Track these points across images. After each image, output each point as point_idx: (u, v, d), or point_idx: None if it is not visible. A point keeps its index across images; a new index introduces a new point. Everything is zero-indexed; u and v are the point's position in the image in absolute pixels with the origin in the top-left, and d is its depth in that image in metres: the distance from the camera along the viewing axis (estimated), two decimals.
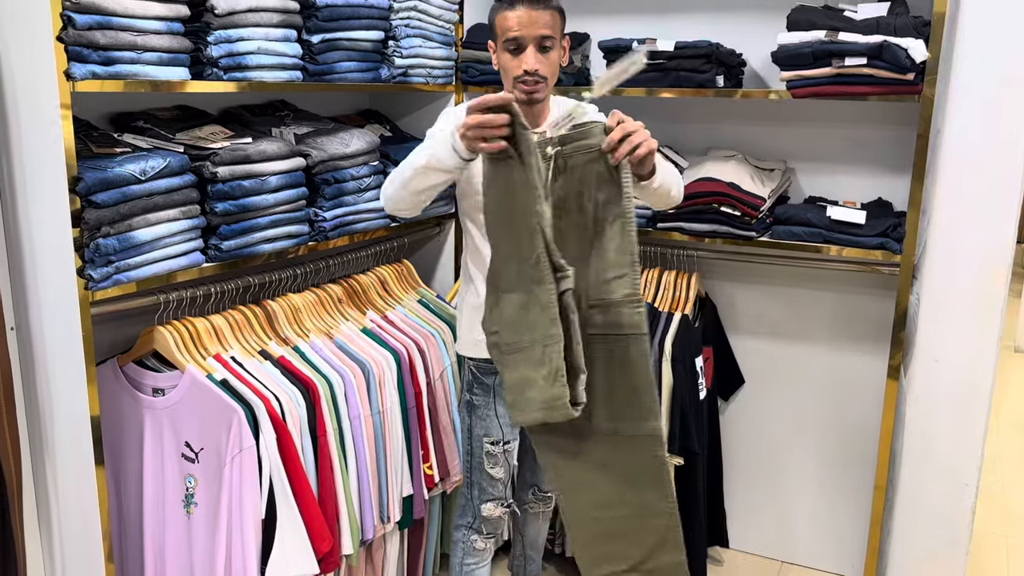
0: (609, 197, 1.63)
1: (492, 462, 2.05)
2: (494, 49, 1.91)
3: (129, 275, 1.71)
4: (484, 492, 2.07)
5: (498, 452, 2.04)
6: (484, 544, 2.12)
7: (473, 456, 2.06)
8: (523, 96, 1.85)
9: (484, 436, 2.03)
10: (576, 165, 1.64)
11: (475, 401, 2.04)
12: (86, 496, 1.74)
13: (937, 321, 2.34)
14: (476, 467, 2.06)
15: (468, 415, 2.06)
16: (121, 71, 1.64)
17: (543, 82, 1.85)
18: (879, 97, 2.11)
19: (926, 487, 2.44)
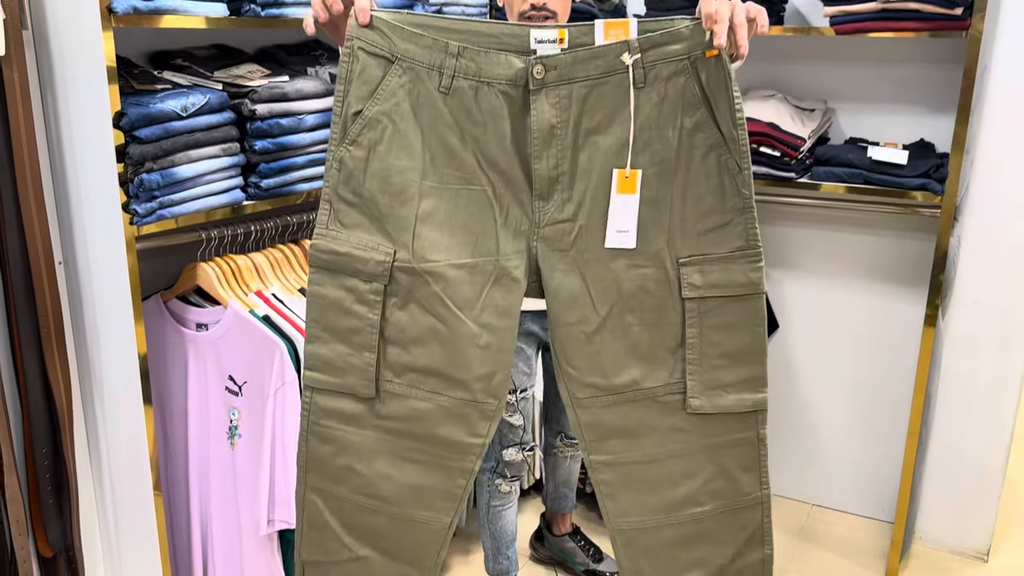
0: (701, 122, 1.32)
1: (510, 410, 2.06)
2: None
3: (172, 211, 1.74)
4: (504, 438, 2.09)
5: (514, 400, 2.04)
6: (509, 487, 2.14)
7: None
8: None
9: None
10: (655, 80, 1.31)
11: None
12: (134, 428, 1.80)
13: (977, 263, 2.31)
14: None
15: None
16: (161, 6, 1.65)
17: (553, 17, 1.68)
18: (926, 33, 2.06)
19: (960, 432, 2.44)
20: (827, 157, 2.27)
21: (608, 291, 1.40)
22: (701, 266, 1.36)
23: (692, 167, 1.33)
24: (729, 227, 1.34)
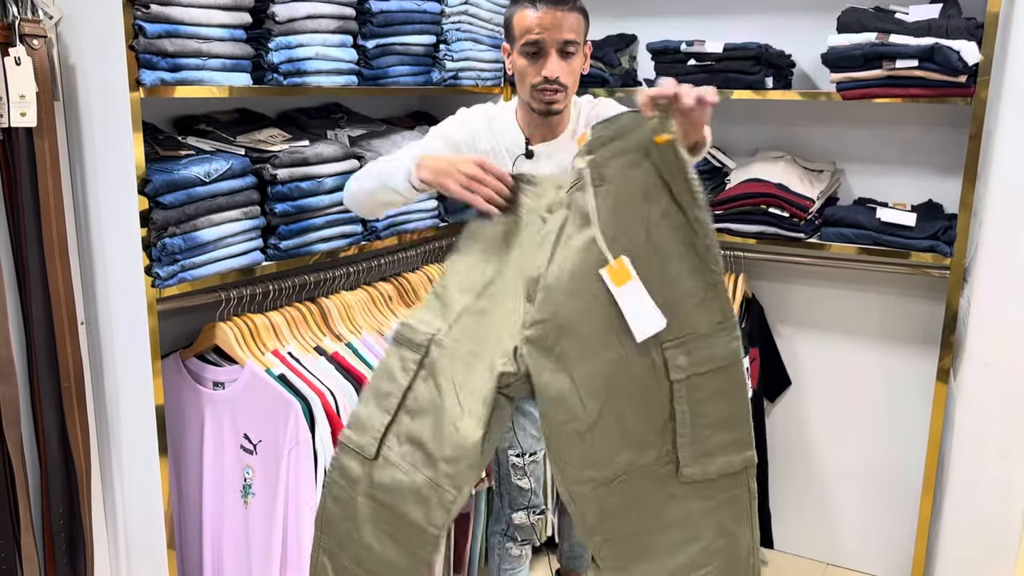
0: (665, 208, 1.36)
1: (519, 474, 2.04)
2: (508, 52, 1.75)
3: (194, 273, 1.78)
4: (514, 502, 2.07)
5: (523, 464, 2.03)
6: (520, 551, 2.12)
7: (500, 468, 2.06)
8: (541, 106, 1.70)
9: (508, 449, 2.01)
10: (613, 177, 1.39)
11: None
12: (150, 485, 1.82)
13: (988, 325, 2.31)
14: (504, 478, 2.06)
15: None
16: (187, 77, 1.71)
17: (563, 91, 1.69)
18: (930, 99, 2.10)
19: (975, 491, 2.42)
20: (836, 218, 2.30)
21: (597, 388, 1.45)
22: (685, 346, 1.40)
23: (663, 252, 1.38)
24: (706, 303, 1.39)
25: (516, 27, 1.69)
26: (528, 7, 1.66)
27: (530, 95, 1.71)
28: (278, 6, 1.86)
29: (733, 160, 2.55)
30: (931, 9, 2.17)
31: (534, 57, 1.68)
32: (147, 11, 1.61)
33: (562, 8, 1.65)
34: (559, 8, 1.65)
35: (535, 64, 1.68)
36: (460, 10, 2.38)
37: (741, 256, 2.51)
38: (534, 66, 1.68)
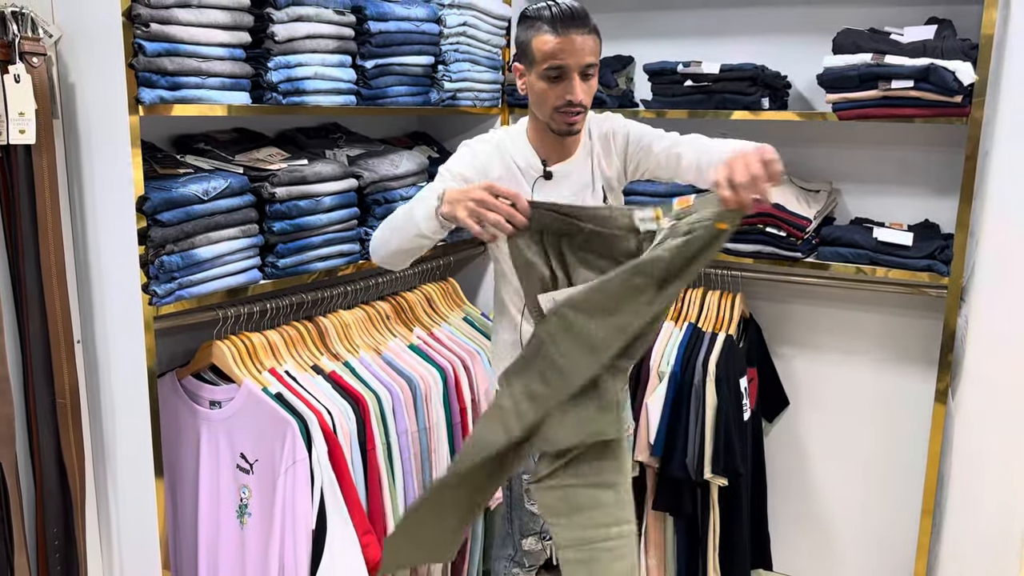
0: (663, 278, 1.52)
1: (531, 498, 2.00)
2: (522, 72, 1.74)
3: (191, 291, 1.78)
4: (525, 527, 2.04)
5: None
6: None
7: (512, 492, 2.03)
8: (562, 127, 1.72)
9: (523, 473, 1.97)
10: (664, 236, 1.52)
11: None
12: (145, 505, 1.80)
13: (986, 344, 2.31)
14: (516, 503, 2.02)
15: None
16: (186, 95, 1.72)
17: (584, 112, 1.72)
18: (926, 119, 2.11)
19: (975, 512, 2.40)
20: (833, 237, 2.30)
21: None
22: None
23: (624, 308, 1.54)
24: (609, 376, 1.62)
25: (536, 50, 1.68)
26: (549, 31, 1.65)
27: (551, 117, 1.72)
28: (277, 26, 1.87)
29: None
30: (926, 30, 2.19)
31: (556, 80, 1.67)
32: (147, 30, 1.62)
33: (582, 32, 1.66)
34: (580, 32, 1.65)
35: (556, 87, 1.68)
36: (459, 31, 2.40)
37: (739, 275, 2.52)
38: (555, 89, 1.68)
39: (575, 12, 1.67)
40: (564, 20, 1.65)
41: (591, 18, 1.70)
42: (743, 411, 2.42)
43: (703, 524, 2.45)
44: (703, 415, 2.35)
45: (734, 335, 2.45)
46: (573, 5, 1.69)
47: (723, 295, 2.51)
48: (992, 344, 2.31)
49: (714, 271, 2.53)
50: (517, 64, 1.76)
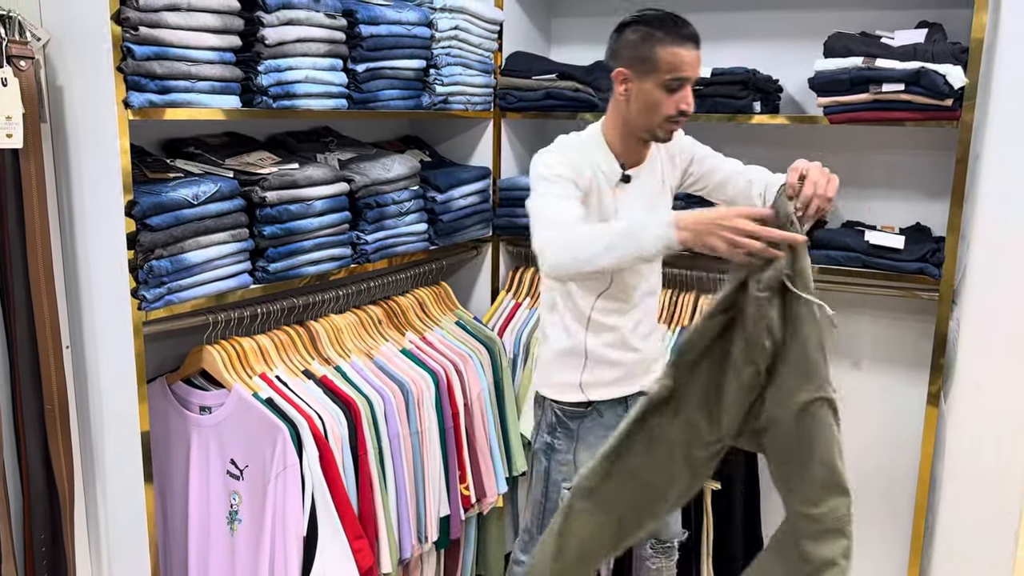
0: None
1: None
2: (628, 78, 1.78)
3: (180, 296, 1.76)
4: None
5: None
6: None
7: (548, 500, 2.00)
8: (666, 135, 1.82)
9: (563, 482, 1.97)
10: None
11: (556, 445, 1.98)
12: (134, 512, 1.79)
13: (978, 347, 2.32)
14: (549, 511, 1.99)
15: (546, 458, 2.00)
16: (176, 99, 1.71)
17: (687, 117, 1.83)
18: (917, 123, 2.12)
19: (968, 514, 2.41)
20: (825, 240, 2.30)
21: None
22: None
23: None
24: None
25: (662, 61, 1.74)
26: (679, 45, 1.74)
27: (659, 125, 1.80)
28: (268, 30, 1.87)
29: None
30: (917, 34, 2.19)
31: (674, 91, 1.76)
32: (136, 33, 1.61)
33: (698, 48, 1.78)
34: (698, 48, 1.78)
35: (673, 97, 1.77)
36: (450, 35, 2.40)
37: None
38: (672, 99, 1.77)
39: (691, 26, 1.78)
40: (689, 35, 1.76)
41: None
42: None
43: (697, 528, 2.45)
44: None
45: None
46: (684, 18, 1.78)
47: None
48: (984, 346, 2.31)
49: (707, 274, 2.53)
50: (624, 70, 1.79)
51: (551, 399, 1.99)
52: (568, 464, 1.98)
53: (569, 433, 1.97)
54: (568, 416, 1.97)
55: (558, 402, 1.98)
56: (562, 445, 1.98)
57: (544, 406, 2.01)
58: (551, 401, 1.99)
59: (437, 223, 2.45)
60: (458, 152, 2.77)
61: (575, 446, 1.97)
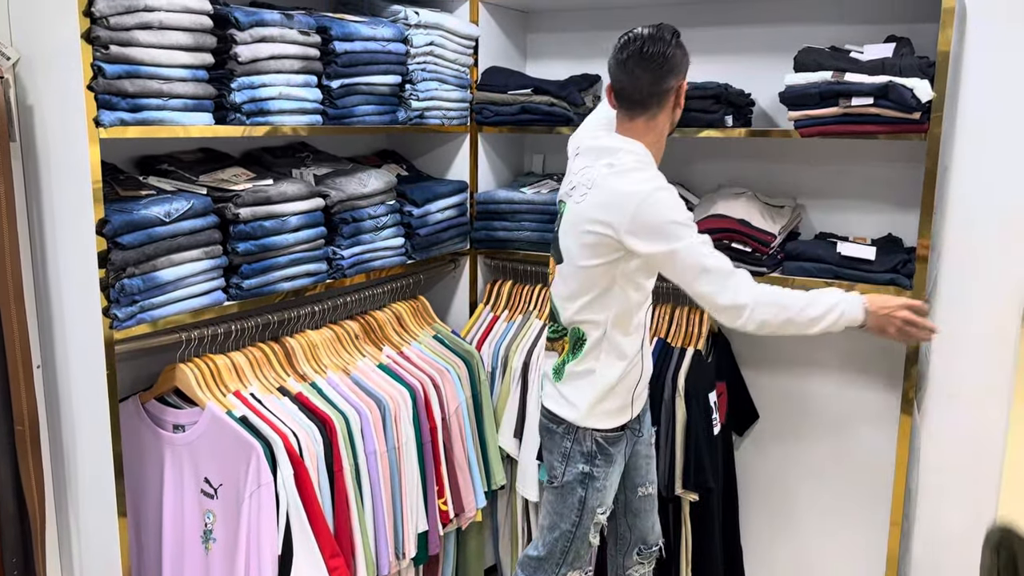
0: None
1: (596, 530, 2.00)
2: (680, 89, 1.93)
3: (153, 314, 1.76)
4: (579, 559, 2.01)
5: (603, 520, 2.00)
6: None
7: (580, 527, 1.98)
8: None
9: (598, 507, 1.97)
10: None
11: (595, 473, 1.95)
12: (108, 533, 1.77)
13: (950, 357, 2.35)
14: (580, 537, 1.98)
15: (582, 488, 1.96)
16: (148, 117, 1.71)
17: None
18: (886, 136, 2.15)
19: (943, 524, 2.43)
20: (797, 252, 2.32)
21: None
22: None
23: None
24: None
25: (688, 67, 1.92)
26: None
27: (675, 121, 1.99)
28: (240, 47, 1.87)
29: (696, 196, 2.58)
30: (885, 48, 2.22)
31: None
32: (106, 52, 1.61)
33: None
34: None
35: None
36: (426, 51, 2.41)
37: None
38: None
39: None
40: None
41: None
42: (713, 426, 2.43)
43: (675, 539, 2.45)
44: (673, 431, 2.36)
45: (703, 350, 2.46)
46: None
47: (691, 310, 2.53)
48: (956, 356, 2.34)
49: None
50: (685, 81, 1.94)
51: (594, 428, 1.95)
52: (604, 490, 1.97)
53: (609, 458, 1.96)
54: (610, 442, 1.95)
55: (601, 430, 1.95)
56: (600, 472, 1.96)
57: (579, 436, 1.95)
58: (593, 431, 1.95)
59: (414, 237, 2.45)
60: (435, 166, 2.78)
61: (610, 470, 1.97)
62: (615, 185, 1.82)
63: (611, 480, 1.99)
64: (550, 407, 2.00)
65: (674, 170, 2.69)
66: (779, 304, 1.79)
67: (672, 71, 1.86)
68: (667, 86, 1.87)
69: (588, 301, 1.89)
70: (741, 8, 2.55)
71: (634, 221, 1.77)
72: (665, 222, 1.79)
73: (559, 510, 1.99)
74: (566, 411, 1.96)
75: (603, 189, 1.83)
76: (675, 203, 1.81)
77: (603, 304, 1.88)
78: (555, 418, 1.98)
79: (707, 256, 1.80)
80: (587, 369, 1.94)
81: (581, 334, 1.92)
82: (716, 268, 1.79)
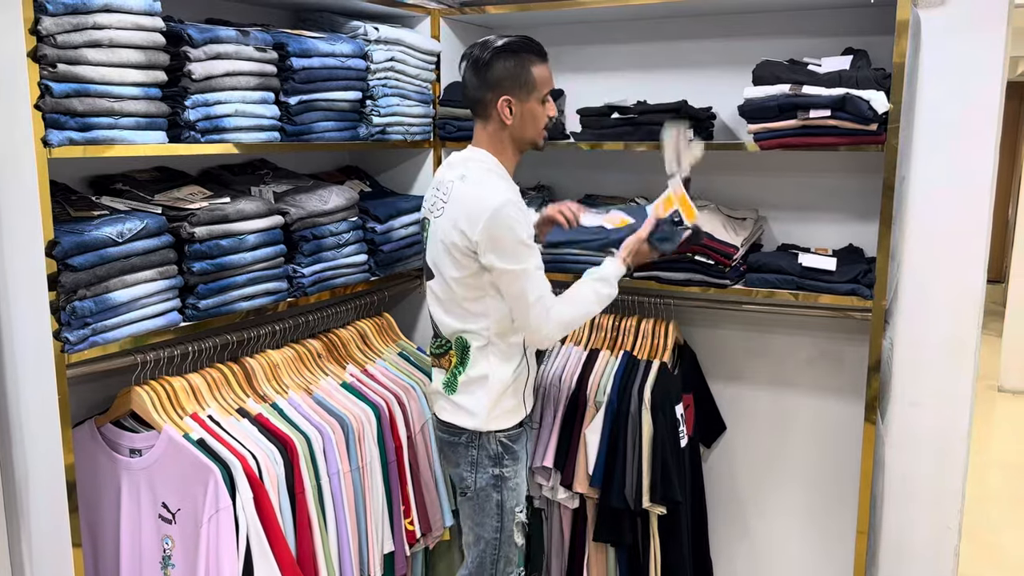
0: None
1: (519, 530, 2.03)
2: (512, 103, 1.93)
3: (106, 336, 1.72)
4: (510, 563, 2.04)
5: (525, 518, 2.04)
6: None
7: (503, 531, 2.01)
8: (543, 141, 2.02)
9: (516, 506, 2.01)
10: None
11: (505, 474, 1.99)
12: (62, 564, 1.72)
13: (912, 365, 2.37)
14: (505, 541, 2.01)
15: (496, 491, 2.00)
16: (98, 136, 1.68)
17: None
18: (844, 147, 2.16)
19: (908, 531, 2.44)
20: (759, 264, 2.33)
21: None
22: None
23: None
24: None
25: (538, 78, 1.95)
26: (541, 61, 1.96)
27: (539, 135, 2.01)
28: (194, 64, 1.84)
29: None
30: (842, 60, 2.25)
31: (546, 102, 1.98)
32: (54, 71, 1.58)
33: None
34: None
35: (546, 107, 1.99)
36: (386, 67, 2.40)
37: (671, 303, 2.54)
38: (546, 109, 1.99)
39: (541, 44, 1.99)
40: (543, 51, 1.98)
41: None
42: (680, 438, 2.42)
43: (644, 553, 2.44)
44: (640, 444, 2.35)
45: (668, 362, 2.46)
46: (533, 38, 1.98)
47: (657, 322, 2.53)
48: (917, 365, 2.36)
49: (647, 299, 2.54)
50: (508, 96, 1.93)
51: (496, 430, 1.99)
52: (517, 488, 2.02)
53: (515, 456, 2.01)
54: (513, 440, 2.01)
55: (504, 430, 2.00)
56: (510, 471, 2.01)
57: (483, 441, 1.99)
58: (496, 433, 1.99)
59: (377, 253, 2.43)
60: (399, 182, 2.77)
61: (518, 467, 2.02)
62: (466, 193, 1.90)
63: (521, 477, 2.03)
64: (448, 420, 2.03)
65: (637, 183, 2.70)
66: (569, 320, 1.97)
67: (493, 82, 1.92)
68: (487, 96, 1.94)
69: (464, 312, 1.95)
70: (701, 23, 2.57)
71: (484, 232, 1.84)
72: (513, 241, 1.86)
73: (479, 520, 2.02)
74: (466, 420, 1.99)
75: (456, 200, 1.91)
76: (523, 221, 1.89)
77: (480, 312, 1.94)
78: (455, 429, 2.01)
79: (537, 287, 1.90)
80: (480, 375, 1.98)
81: (466, 343, 1.98)
82: (538, 301, 1.90)
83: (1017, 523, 3.70)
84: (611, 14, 2.59)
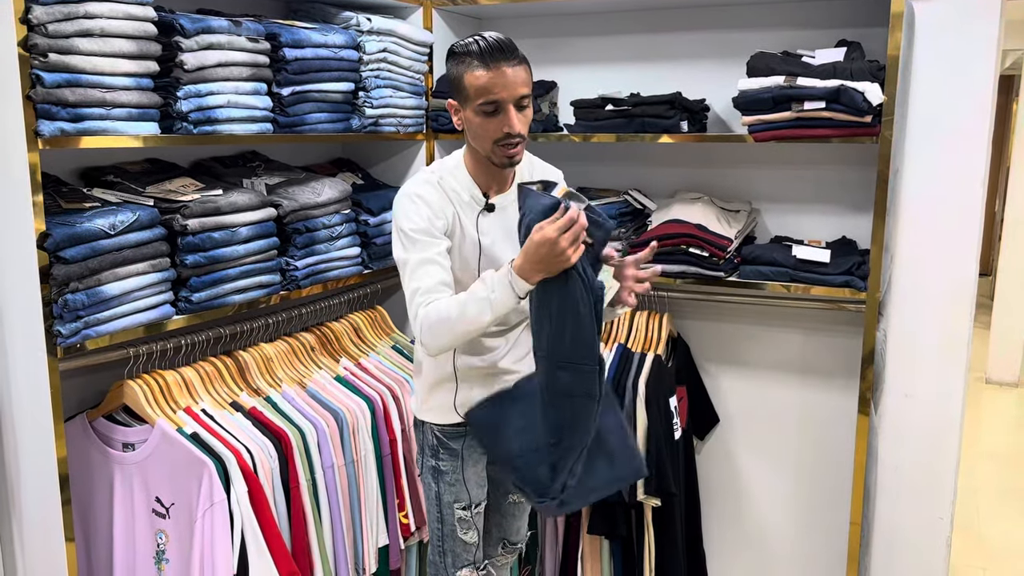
0: None
1: (464, 527, 1.97)
2: (456, 108, 1.75)
3: (98, 330, 1.70)
4: (458, 558, 1.99)
5: (469, 517, 1.97)
6: None
7: (444, 524, 1.98)
8: (503, 160, 1.73)
9: (455, 502, 1.95)
10: None
11: (441, 467, 1.95)
12: (55, 559, 1.71)
13: (905, 357, 2.38)
14: (448, 535, 1.97)
15: (434, 482, 1.96)
16: (90, 127, 1.66)
17: (523, 142, 1.73)
18: (838, 139, 2.17)
19: (901, 522, 2.46)
20: (753, 256, 2.33)
21: None
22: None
23: None
24: None
25: (469, 86, 1.68)
26: (480, 66, 1.66)
27: (491, 151, 1.73)
28: (186, 54, 1.82)
29: (653, 202, 2.59)
30: (836, 52, 2.25)
31: (492, 114, 1.68)
32: (45, 60, 1.56)
33: (512, 63, 1.67)
34: (510, 63, 1.66)
35: (493, 121, 1.69)
36: (379, 58, 2.38)
37: (665, 295, 2.54)
38: (493, 123, 1.69)
39: (502, 44, 1.68)
40: (493, 53, 1.66)
41: (518, 48, 1.71)
42: (674, 431, 2.43)
43: (638, 545, 2.45)
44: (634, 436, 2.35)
45: (662, 355, 2.46)
46: (499, 37, 1.69)
47: (651, 315, 2.53)
48: (911, 356, 2.37)
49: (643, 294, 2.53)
50: (451, 101, 1.76)
51: (431, 422, 1.94)
52: (457, 484, 1.95)
53: (453, 453, 1.94)
54: (449, 436, 1.93)
55: (438, 424, 1.93)
56: (447, 466, 1.94)
57: (424, 429, 1.96)
58: (431, 424, 1.94)
59: (371, 246, 2.42)
60: (391, 174, 2.75)
61: (460, 465, 1.94)
62: None
63: (465, 475, 1.94)
64: None
65: (631, 176, 2.69)
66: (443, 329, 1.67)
67: (445, 83, 1.81)
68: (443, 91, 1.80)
69: None
70: (695, 14, 2.56)
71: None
72: (397, 228, 1.76)
73: (427, 506, 2.02)
74: (413, 401, 1.99)
75: None
76: (409, 212, 1.74)
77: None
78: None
79: (415, 281, 1.71)
80: (417, 360, 1.96)
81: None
82: (413, 295, 1.71)
83: (1005, 515, 3.73)
84: (604, 5, 2.59)
